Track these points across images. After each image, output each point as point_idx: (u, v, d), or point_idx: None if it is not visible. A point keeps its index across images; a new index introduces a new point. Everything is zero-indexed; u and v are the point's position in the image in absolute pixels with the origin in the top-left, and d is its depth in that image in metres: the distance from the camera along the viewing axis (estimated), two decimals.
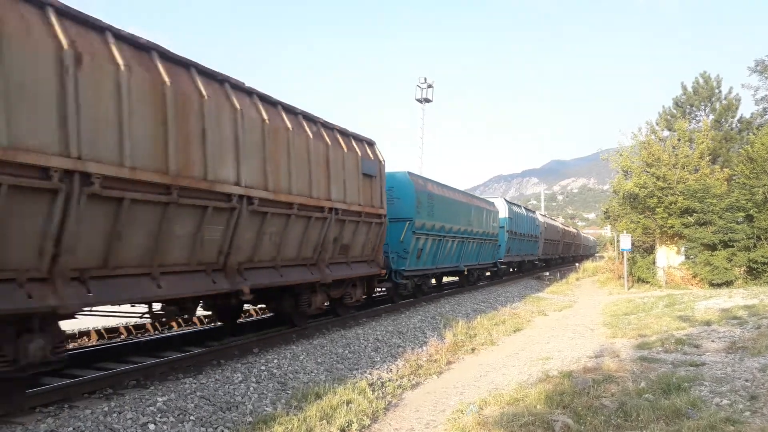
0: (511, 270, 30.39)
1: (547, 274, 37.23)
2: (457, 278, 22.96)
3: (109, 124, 5.95)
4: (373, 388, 7.91)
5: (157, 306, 7.93)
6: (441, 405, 7.53)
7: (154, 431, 5.69)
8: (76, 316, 6.22)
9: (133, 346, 9.05)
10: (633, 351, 9.90)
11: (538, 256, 34.72)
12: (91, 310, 6.44)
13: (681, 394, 6.49)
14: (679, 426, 5.50)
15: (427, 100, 41.70)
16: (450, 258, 18.40)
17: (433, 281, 19.30)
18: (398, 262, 14.70)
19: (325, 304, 11.18)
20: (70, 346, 10.43)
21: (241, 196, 7.83)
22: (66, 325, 11.06)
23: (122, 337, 11.62)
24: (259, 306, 13.68)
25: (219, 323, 11.30)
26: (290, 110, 9.52)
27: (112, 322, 12.06)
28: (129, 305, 7.39)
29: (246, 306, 13.43)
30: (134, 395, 6.47)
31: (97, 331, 11.48)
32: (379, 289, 15.10)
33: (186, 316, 9.58)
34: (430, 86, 41.58)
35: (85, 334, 11.36)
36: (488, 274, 25.93)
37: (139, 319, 9.40)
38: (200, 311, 9.74)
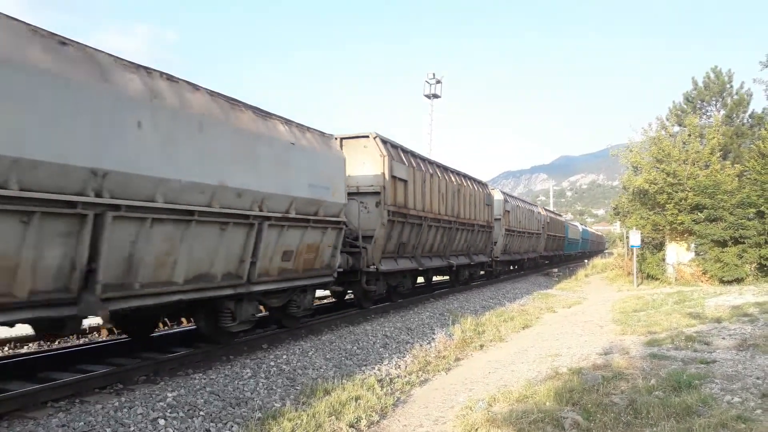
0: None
1: (556, 270, 37.09)
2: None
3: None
4: (381, 384, 7.91)
5: None
6: (450, 401, 7.52)
7: (165, 426, 5.72)
8: None
9: (143, 342, 9.10)
10: (643, 348, 9.85)
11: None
12: None
13: (691, 392, 6.45)
14: (690, 424, 5.47)
15: (436, 96, 41.61)
16: None
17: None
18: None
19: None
20: (80, 341, 10.53)
21: (451, 220, 17.69)
22: None
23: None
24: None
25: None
26: (455, 172, 19.26)
27: None
28: None
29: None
30: (144, 390, 6.51)
31: (108, 327, 11.54)
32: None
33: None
34: (438, 82, 41.49)
35: (96, 329, 11.43)
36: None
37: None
38: None
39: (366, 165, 13.08)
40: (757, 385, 6.78)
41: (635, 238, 26.22)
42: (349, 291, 14.05)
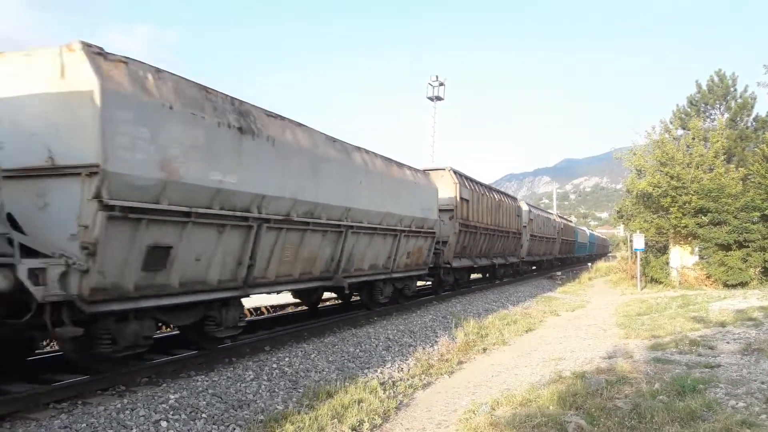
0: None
1: (560, 273, 37.02)
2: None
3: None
4: (384, 387, 7.89)
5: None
6: (452, 405, 7.50)
7: (167, 428, 5.71)
8: None
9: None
10: (646, 352, 9.81)
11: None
12: None
13: (696, 396, 6.42)
14: (694, 428, 5.44)
15: (439, 98, 41.59)
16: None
17: None
18: None
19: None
20: None
21: (494, 229, 22.39)
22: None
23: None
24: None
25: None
26: (496, 190, 23.92)
27: None
28: None
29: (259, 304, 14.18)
30: (147, 392, 6.51)
31: None
32: None
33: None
34: (441, 84, 41.47)
35: None
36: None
37: None
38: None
39: (443, 190, 17.59)
40: (761, 389, 6.74)
41: (639, 242, 26.17)
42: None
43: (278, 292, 10.60)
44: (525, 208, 29.52)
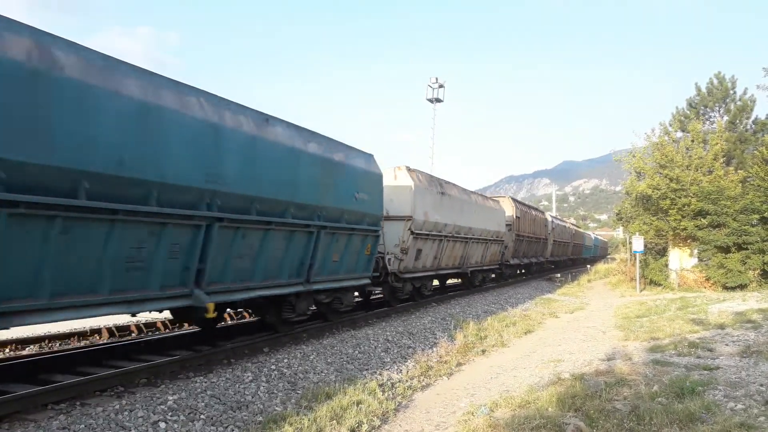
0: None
1: (558, 275, 37.02)
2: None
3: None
4: (383, 389, 7.89)
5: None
6: (451, 407, 7.49)
7: (165, 429, 5.71)
8: None
9: (144, 345, 9.10)
10: (646, 354, 9.81)
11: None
12: None
13: (695, 398, 6.42)
14: (693, 430, 5.45)
15: (438, 100, 41.65)
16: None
17: None
18: None
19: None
20: (81, 343, 10.52)
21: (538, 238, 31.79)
22: (77, 324, 11.13)
23: (133, 335, 11.68)
24: None
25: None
26: (534, 208, 33.11)
27: (123, 320, 12.12)
28: None
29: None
30: (145, 393, 6.50)
31: (109, 329, 11.55)
32: None
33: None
34: (441, 86, 41.54)
35: (97, 331, 11.43)
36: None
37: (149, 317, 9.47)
38: None
39: (505, 210, 24.32)
40: (760, 392, 6.74)
41: (638, 244, 26.16)
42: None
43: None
44: (549, 219, 36.43)
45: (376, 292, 15.49)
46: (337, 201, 10.47)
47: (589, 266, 48.35)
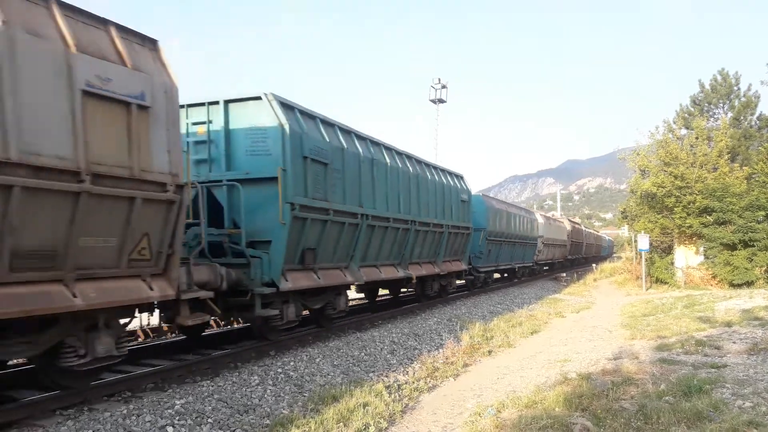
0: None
1: (564, 275, 36.94)
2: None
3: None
4: (389, 391, 7.89)
5: None
6: (458, 408, 7.49)
7: None
8: None
9: (151, 349, 9.13)
10: (652, 353, 9.78)
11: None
12: None
13: (702, 397, 6.39)
14: (701, 429, 5.42)
15: (442, 101, 41.64)
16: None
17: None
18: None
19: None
20: None
21: (581, 243, 48.16)
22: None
23: (140, 339, 11.70)
24: None
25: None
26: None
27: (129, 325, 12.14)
28: None
29: None
30: (152, 398, 6.52)
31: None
32: None
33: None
34: (444, 87, 41.52)
35: None
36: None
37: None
38: None
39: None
40: None
41: (643, 242, 26.09)
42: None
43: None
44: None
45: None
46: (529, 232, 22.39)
47: (594, 265, 48.26)
